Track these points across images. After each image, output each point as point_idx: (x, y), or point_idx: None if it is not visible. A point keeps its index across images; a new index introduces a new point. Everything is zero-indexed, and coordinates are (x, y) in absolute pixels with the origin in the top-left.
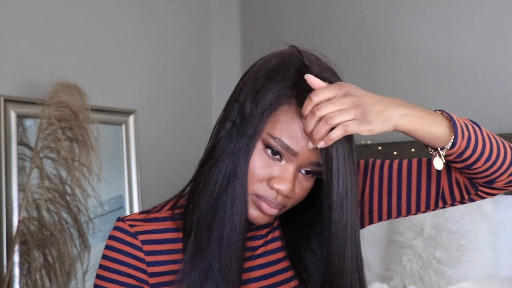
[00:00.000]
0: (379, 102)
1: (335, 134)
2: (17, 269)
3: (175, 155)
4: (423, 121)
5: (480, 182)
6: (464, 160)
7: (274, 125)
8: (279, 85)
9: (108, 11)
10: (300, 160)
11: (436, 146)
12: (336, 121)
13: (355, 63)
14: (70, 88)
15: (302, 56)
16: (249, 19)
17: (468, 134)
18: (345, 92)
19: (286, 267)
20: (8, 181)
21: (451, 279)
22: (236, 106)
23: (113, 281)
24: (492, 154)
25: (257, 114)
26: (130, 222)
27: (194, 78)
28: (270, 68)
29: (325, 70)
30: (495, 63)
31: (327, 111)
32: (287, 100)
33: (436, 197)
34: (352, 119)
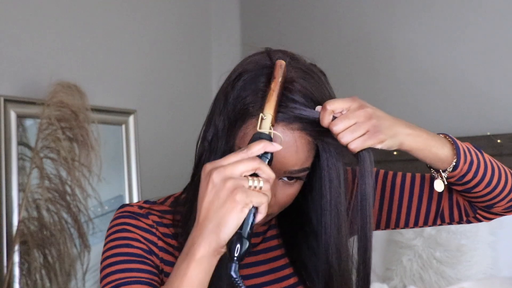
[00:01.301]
0: (388, 117)
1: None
2: (17, 269)
3: (175, 155)
4: (427, 141)
5: (479, 206)
6: (464, 183)
7: (243, 139)
8: (247, 98)
9: (108, 11)
10: (274, 171)
11: (438, 168)
12: (348, 141)
13: (354, 63)
14: (70, 88)
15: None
16: (249, 19)
17: (471, 158)
18: (360, 104)
19: (285, 264)
20: (8, 181)
21: (451, 279)
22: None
23: (126, 245)
24: (493, 179)
25: (229, 130)
26: (139, 205)
27: (194, 78)
28: (240, 81)
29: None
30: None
31: (344, 127)
32: (255, 113)
33: (435, 215)
34: (363, 133)
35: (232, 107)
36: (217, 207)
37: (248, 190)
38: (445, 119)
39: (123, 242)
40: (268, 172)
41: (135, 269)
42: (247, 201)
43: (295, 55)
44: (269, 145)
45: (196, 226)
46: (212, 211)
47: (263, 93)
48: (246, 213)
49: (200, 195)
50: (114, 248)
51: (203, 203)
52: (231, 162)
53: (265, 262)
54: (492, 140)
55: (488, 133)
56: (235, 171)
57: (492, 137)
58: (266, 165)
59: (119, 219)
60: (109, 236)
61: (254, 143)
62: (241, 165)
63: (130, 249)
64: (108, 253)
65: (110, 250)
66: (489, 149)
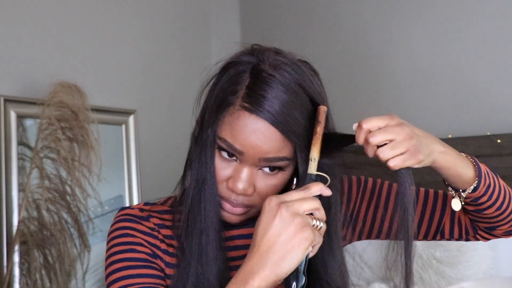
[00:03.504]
0: (424, 135)
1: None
2: (17, 269)
3: (175, 155)
4: (455, 161)
5: (481, 227)
6: (479, 205)
7: (221, 127)
8: (228, 89)
9: (108, 11)
10: (250, 159)
11: (458, 188)
12: (387, 157)
13: (353, 63)
14: (70, 88)
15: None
16: (249, 19)
17: (489, 181)
18: (398, 121)
19: None
20: (8, 181)
21: (451, 279)
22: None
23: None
24: (504, 203)
25: (209, 120)
26: (139, 208)
27: (194, 78)
28: (224, 75)
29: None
30: (488, 73)
31: (381, 139)
32: (233, 101)
33: (436, 230)
34: (403, 152)
35: (214, 98)
36: (284, 240)
37: (314, 229)
38: (445, 119)
39: (127, 247)
40: (323, 213)
41: (141, 275)
42: (313, 239)
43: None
44: (325, 189)
45: (255, 254)
46: (278, 244)
47: (243, 86)
48: (310, 250)
49: (263, 225)
50: (118, 253)
51: (267, 234)
52: (295, 198)
53: None
54: (492, 140)
55: (488, 133)
56: (300, 208)
57: (492, 137)
58: (322, 207)
59: (121, 223)
60: (112, 240)
61: (313, 184)
62: (306, 204)
63: (134, 254)
64: (112, 258)
65: (114, 255)
66: (489, 149)
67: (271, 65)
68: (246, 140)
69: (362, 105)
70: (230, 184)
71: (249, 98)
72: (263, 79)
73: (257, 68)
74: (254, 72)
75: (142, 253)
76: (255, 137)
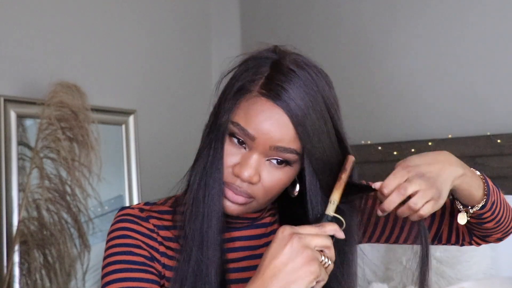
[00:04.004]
0: (439, 169)
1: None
2: (17, 269)
3: (175, 155)
4: (471, 182)
5: (477, 234)
6: (482, 219)
7: (236, 111)
8: (248, 78)
9: (108, 11)
10: (260, 146)
11: (468, 205)
12: (419, 207)
13: (353, 63)
14: (70, 88)
15: (277, 53)
16: (249, 19)
17: (494, 198)
18: (417, 173)
19: None
20: (8, 181)
21: (451, 279)
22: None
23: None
24: (502, 217)
25: (225, 107)
26: (139, 208)
27: (194, 78)
28: (244, 66)
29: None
30: (488, 73)
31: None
32: (251, 88)
33: (434, 236)
34: (430, 199)
35: (232, 86)
36: (290, 270)
37: (321, 265)
38: (445, 119)
39: (125, 249)
40: (333, 253)
41: (136, 279)
42: (319, 274)
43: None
44: (339, 232)
45: (259, 278)
46: (283, 272)
47: (262, 76)
48: (313, 285)
49: (272, 251)
50: (116, 255)
51: (275, 261)
52: (309, 232)
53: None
54: (492, 140)
55: (488, 133)
56: (312, 242)
57: (492, 137)
58: (333, 247)
59: (120, 223)
60: (110, 241)
61: (329, 224)
62: (318, 239)
63: (132, 256)
64: (109, 259)
65: (111, 256)
66: (489, 149)
67: (292, 62)
68: (259, 125)
69: (362, 105)
70: (237, 170)
71: (267, 86)
72: (284, 72)
73: (278, 63)
74: (274, 65)
75: (139, 256)
76: (269, 123)
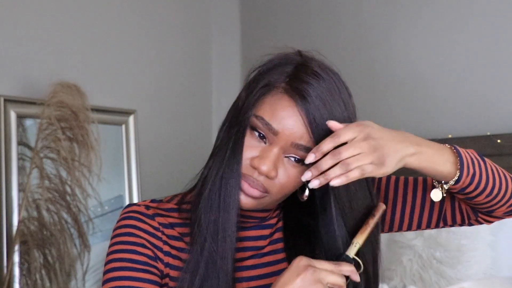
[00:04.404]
0: (393, 142)
1: (353, 175)
2: (17, 269)
3: (175, 155)
4: (431, 159)
5: (480, 211)
6: (466, 193)
7: (260, 106)
8: (274, 76)
9: (108, 11)
10: (282, 141)
11: (441, 181)
12: (354, 166)
13: (353, 63)
14: (70, 88)
15: (302, 56)
16: (249, 19)
17: (473, 170)
18: (365, 135)
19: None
20: (8, 181)
21: (451, 279)
22: (233, 107)
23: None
24: (494, 188)
25: (248, 103)
26: (145, 205)
27: (194, 78)
28: (270, 64)
29: (324, 70)
30: (488, 73)
31: (347, 155)
32: (277, 85)
33: (438, 217)
34: (370, 163)
35: (257, 82)
36: None
37: None
38: (445, 119)
39: (128, 247)
40: None
41: (137, 278)
42: None
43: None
44: (355, 274)
45: None
46: None
47: (288, 75)
48: None
49: (284, 278)
50: (119, 252)
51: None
52: (324, 268)
53: (271, 264)
54: (492, 140)
55: (488, 133)
56: (326, 278)
57: (492, 137)
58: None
59: (126, 220)
60: (115, 237)
61: (347, 264)
62: (332, 276)
63: (135, 255)
64: (112, 256)
65: (115, 253)
66: (489, 149)
67: (317, 65)
68: (283, 120)
69: (361, 105)
70: (256, 163)
71: (293, 84)
72: (309, 73)
73: (304, 64)
74: (300, 66)
75: (142, 255)
76: (293, 119)
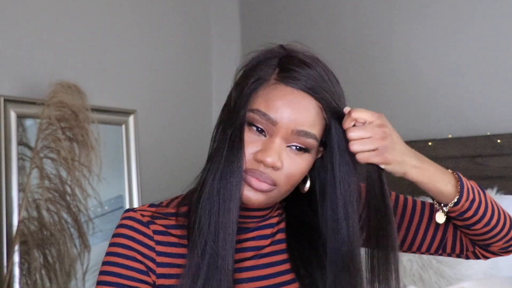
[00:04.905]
0: (402, 145)
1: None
2: (17, 269)
3: (175, 155)
4: (432, 176)
5: (478, 243)
6: (465, 220)
7: (254, 100)
8: (263, 70)
9: (108, 11)
10: (282, 130)
11: (441, 202)
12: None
13: (353, 63)
14: (70, 88)
15: (285, 50)
16: (249, 19)
17: (473, 196)
18: (381, 122)
19: (288, 269)
20: (8, 181)
21: (451, 279)
22: (225, 108)
23: (120, 265)
24: (492, 219)
25: (242, 100)
26: (142, 212)
27: (194, 78)
28: (255, 61)
29: (310, 58)
30: (488, 73)
31: (358, 136)
32: (268, 77)
33: (439, 244)
34: (373, 149)
35: (247, 80)
36: None
37: None
38: (445, 119)
39: (120, 260)
40: None
41: None
42: None
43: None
44: None
45: None
46: None
47: (276, 65)
48: None
49: None
50: (111, 265)
51: None
52: None
53: (272, 265)
54: (492, 140)
55: (488, 133)
56: None
57: (492, 137)
58: None
59: (121, 229)
60: (110, 246)
61: None
62: None
63: (124, 270)
64: (104, 267)
65: (106, 265)
66: (489, 149)
67: (302, 55)
68: (281, 109)
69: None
70: (260, 156)
71: (284, 73)
72: (296, 62)
73: (289, 56)
74: (286, 58)
75: (132, 271)
76: (291, 107)
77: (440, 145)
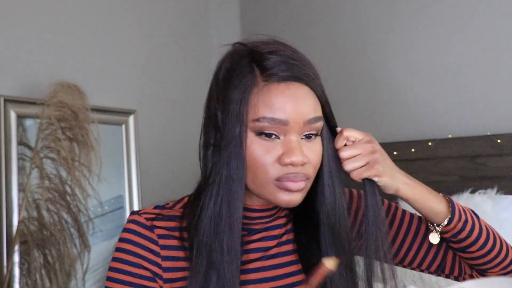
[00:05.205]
0: (390, 162)
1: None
2: (17, 269)
3: (175, 155)
4: (423, 194)
5: (474, 267)
6: (459, 241)
7: (253, 110)
8: (239, 80)
9: (107, 11)
10: (295, 126)
11: (434, 221)
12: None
13: (352, 61)
14: (70, 88)
15: (246, 46)
16: (249, 19)
17: (465, 217)
18: (370, 139)
19: (297, 270)
20: (8, 181)
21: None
22: (211, 128)
23: (128, 273)
24: (488, 243)
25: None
26: (146, 216)
27: (194, 78)
28: (225, 73)
29: (272, 44)
30: (488, 73)
31: (350, 155)
32: (252, 84)
33: (439, 264)
34: (363, 165)
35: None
36: None
37: None
38: (445, 119)
39: (127, 268)
40: None
41: None
42: None
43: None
44: None
45: None
46: None
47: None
48: None
49: None
50: (119, 272)
51: None
52: None
53: (279, 266)
54: (492, 140)
55: (488, 133)
56: None
57: (492, 137)
58: None
59: (127, 233)
60: (116, 252)
61: None
62: None
63: (132, 278)
64: (112, 274)
65: (114, 272)
66: (489, 149)
67: (263, 43)
68: (286, 107)
69: (361, 104)
70: (286, 159)
71: (267, 71)
72: (267, 53)
73: (254, 50)
74: (254, 54)
75: (140, 279)
76: (293, 101)
77: (440, 145)
